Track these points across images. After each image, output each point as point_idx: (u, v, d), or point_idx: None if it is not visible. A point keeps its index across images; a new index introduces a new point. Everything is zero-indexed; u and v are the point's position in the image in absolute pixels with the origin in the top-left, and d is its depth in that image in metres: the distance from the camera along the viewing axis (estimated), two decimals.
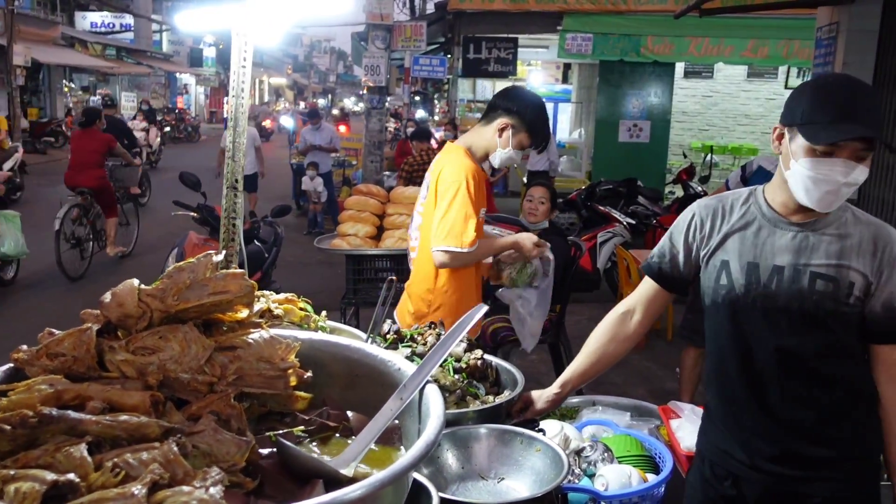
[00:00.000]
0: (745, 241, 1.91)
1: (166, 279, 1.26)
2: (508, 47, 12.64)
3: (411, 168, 7.24)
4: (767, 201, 1.93)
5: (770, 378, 1.93)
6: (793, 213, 1.89)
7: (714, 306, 2.01)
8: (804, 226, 1.87)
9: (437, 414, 1.18)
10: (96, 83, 29.70)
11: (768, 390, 1.94)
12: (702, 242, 1.99)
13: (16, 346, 1.20)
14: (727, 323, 1.97)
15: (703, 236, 1.98)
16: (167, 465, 0.97)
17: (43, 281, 7.78)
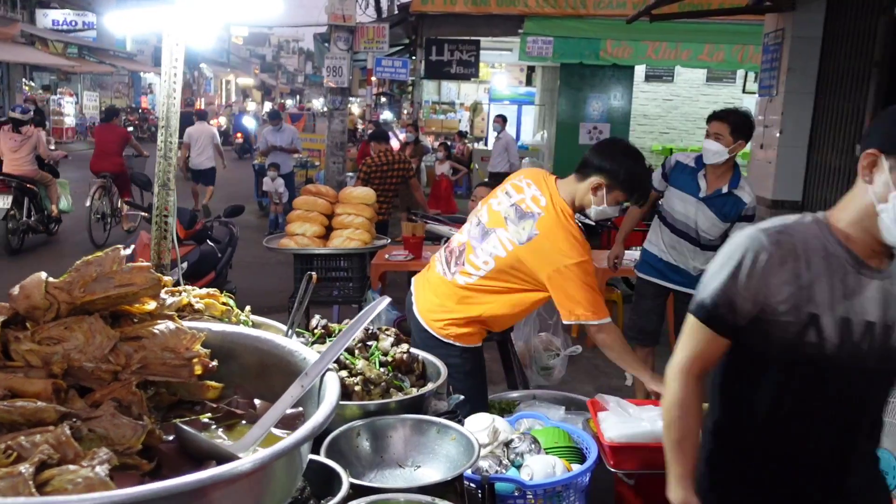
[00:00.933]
0: (834, 290, 1.62)
1: (74, 272, 1.30)
2: (471, 50, 12.75)
3: (369, 169, 7.29)
4: (840, 240, 1.65)
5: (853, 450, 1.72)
6: (874, 255, 1.64)
7: (788, 365, 1.69)
8: (883, 272, 1.63)
9: (331, 400, 1.25)
10: (57, 82, 29.22)
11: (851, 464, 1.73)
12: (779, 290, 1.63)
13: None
14: (808, 385, 1.68)
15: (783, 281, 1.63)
16: (58, 447, 1.03)
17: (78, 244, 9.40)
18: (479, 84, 19.79)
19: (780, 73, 6.72)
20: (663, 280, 4.49)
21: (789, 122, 6.69)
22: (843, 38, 6.25)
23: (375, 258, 5.58)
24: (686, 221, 4.34)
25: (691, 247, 4.37)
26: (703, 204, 4.26)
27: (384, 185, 7.18)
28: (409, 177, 7.57)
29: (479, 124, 19.61)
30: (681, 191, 4.35)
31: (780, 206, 6.87)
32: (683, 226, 4.36)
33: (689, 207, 4.31)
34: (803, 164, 6.75)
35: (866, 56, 5.89)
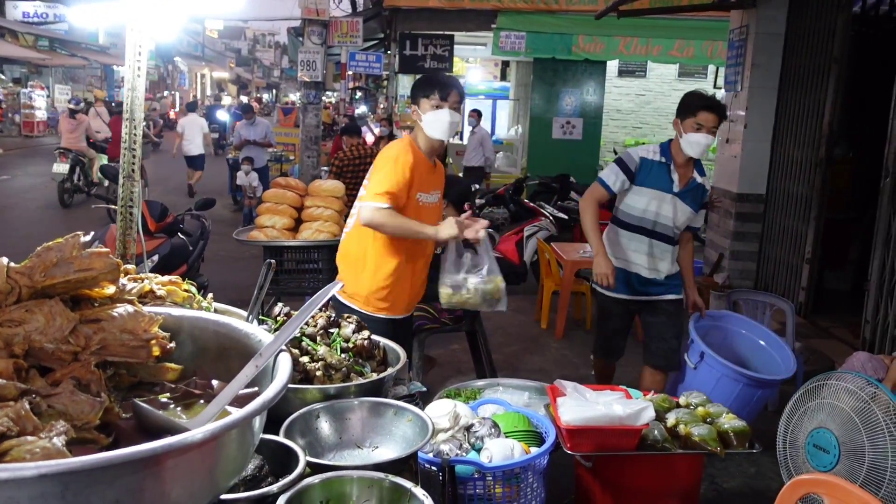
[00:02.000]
0: None
1: (35, 258, 1.36)
2: (445, 44, 12.79)
3: (341, 163, 7.32)
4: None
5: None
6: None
7: None
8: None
9: (282, 377, 1.31)
10: (28, 75, 28.83)
11: None
12: None
13: None
14: None
15: None
16: (17, 420, 1.09)
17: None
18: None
19: (744, 69, 6.86)
20: (635, 295, 4.08)
21: (754, 116, 6.84)
22: (804, 35, 6.40)
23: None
24: (659, 220, 3.98)
25: (668, 247, 4.05)
26: (678, 198, 3.96)
27: (356, 178, 7.21)
28: None
29: None
30: (652, 188, 3.95)
31: (745, 200, 7.02)
32: (658, 226, 3.99)
33: (663, 205, 3.96)
34: (767, 157, 6.90)
35: (826, 52, 6.04)
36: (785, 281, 6.59)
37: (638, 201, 4.00)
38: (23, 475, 0.95)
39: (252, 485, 1.59)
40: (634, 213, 4.02)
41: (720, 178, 7.54)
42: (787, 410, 3.09)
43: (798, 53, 6.50)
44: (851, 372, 3.14)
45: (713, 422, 2.80)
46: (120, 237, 2.30)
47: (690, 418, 2.77)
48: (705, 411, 2.86)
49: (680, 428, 2.75)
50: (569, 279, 6.23)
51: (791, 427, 3.03)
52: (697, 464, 2.92)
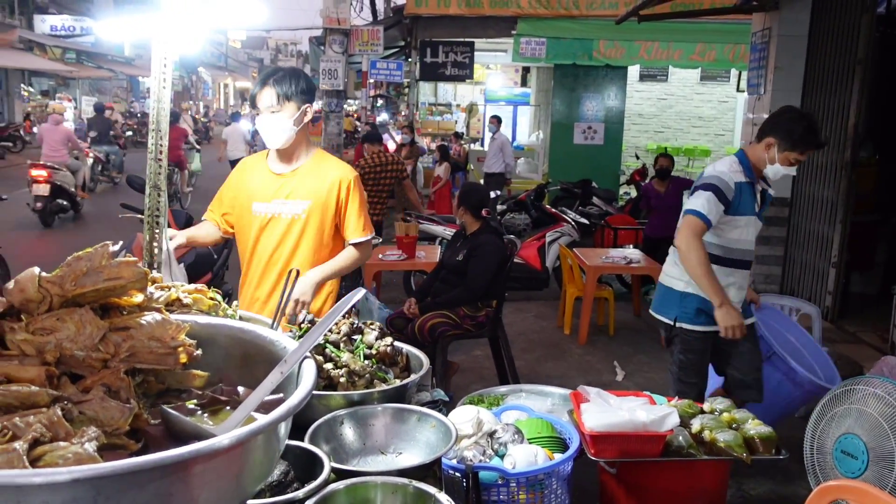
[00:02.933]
0: None
1: (65, 267, 1.39)
2: (465, 51, 12.83)
3: (363, 171, 7.36)
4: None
5: None
6: None
7: None
8: None
9: (307, 384, 1.33)
10: (56, 87, 29.33)
11: None
12: None
13: None
14: None
15: None
16: (50, 427, 1.11)
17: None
18: (474, 85, 19.88)
19: (767, 72, 6.81)
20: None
21: None
22: (828, 37, 6.33)
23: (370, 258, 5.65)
24: (747, 248, 3.56)
25: (747, 273, 3.64)
26: (758, 218, 3.55)
27: (378, 186, 7.26)
28: (403, 178, 7.66)
29: (475, 125, 19.69)
30: (745, 215, 3.46)
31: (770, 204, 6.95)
32: (746, 254, 3.57)
33: (749, 230, 3.52)
34: None
35: (850, 54, 5.97)
36: (811, 285, 6.52)
37: (738, 232, 3.50)
38: (56, 480, 0.97)
39: (278, 490, 1.61)
40: (735, 245, 3.52)
41: None
42: (814, 416, 3.06)
43: (822, 55, 6.43)
44: (880, 377, 3.10)
45: (739, 428, 2.77)
46: (147, 246, 2.34)
47: (715, 424, 2.76)
48: (730, 417, 2.84)
49: (705, 434, 2.73)
50: (591, 285, 6.21)
51: (818, 433, 3.00)
52: (723, 470, 2.89)
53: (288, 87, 2.84)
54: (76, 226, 11.53)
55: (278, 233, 2.95)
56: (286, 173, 2.96)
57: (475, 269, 4.54)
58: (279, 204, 2.95)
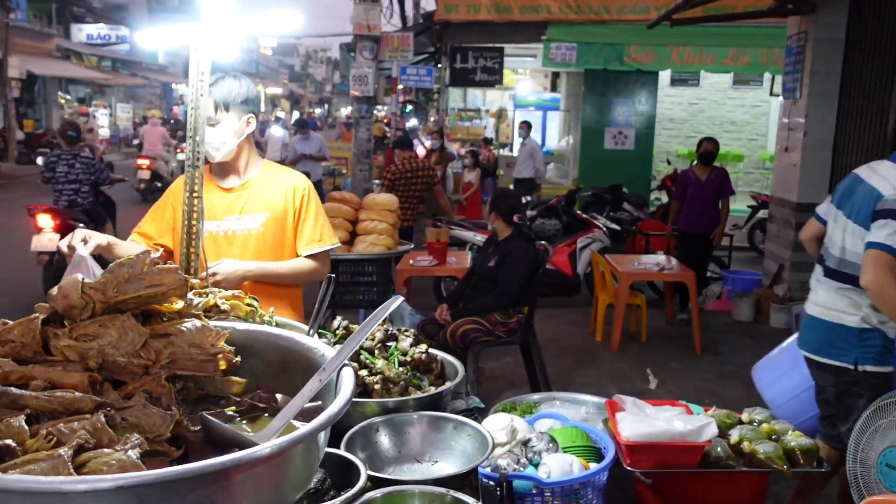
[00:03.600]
0: None
1: (108, 274, 1.40)
2: (495, 57, 12.81)
3: (393, 176, 7.39)
4: None
5: None
6: None
7: None
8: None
9: (346, 392, 1.32)
10: (92, 95, 29.88)
11: None
12: None
13: None
14: None
15: None
16: (94, 433, 1.12)
17: None
18: (504, 90, 19.84)
19: (803, 76, 6.71)
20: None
21: (813, 124, 6.67)
22: (866, 40, 6.22)
23: (400, 263, 5.66)
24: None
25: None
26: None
27: (408, 191, 7.27)
28: (434, 183, 7.66)
29: (504, 130, 19.65)
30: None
31: (805, 209, 6.83)
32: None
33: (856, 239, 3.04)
34: (828, 166, 6.72)
35: (889, 56, 5.86)
36: None
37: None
38: (101, 487, 0.98)
39: (315, 498, 1.60)
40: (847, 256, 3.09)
41: (779, 187, 7.37)
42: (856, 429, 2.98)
43: (860, 58, 6.32)
44: None
45: (779, 439, 2.72)
46: (184, 252, 2.36)
47: (755, 435, 2.70)
48: (770, 428, 2.79)
49: (744, 445, 2.68)
50: (624, 291, 6.15)
51: (861, 446, 2.92)
52: (763, 482, 2.84)
53: (227, 95, 2.64)
54: None
55: (235, 251, 2.71)
56: (236, 187, 2.77)
57: (507, 276, 4.52)
58: (233, 221, 2.74)
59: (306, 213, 2.81)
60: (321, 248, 2.82)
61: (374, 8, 11.17)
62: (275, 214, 2.75)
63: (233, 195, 2.76)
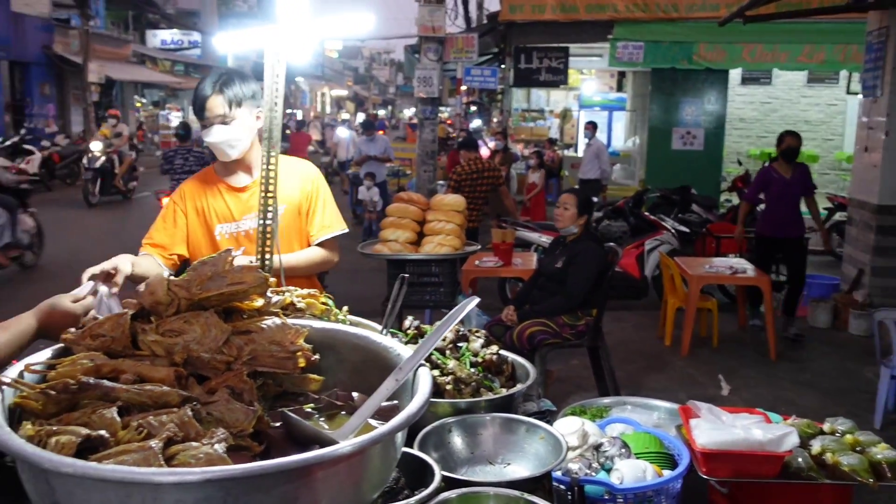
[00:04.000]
0: None
1: (191, 272, 1.43)
2: (560, 57, 12.69)
3: (459, 177, 7.39)
4: None
5: None
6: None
7: None
8: None
9: (424, 392, 1.32)
10: (166, 98, 30.86)
11: None
12: None
13: None
14: None
15: None
16: (182, 426, 1.14)
17: None
18: (568, 91, 19.67)
19: (884, 73, 6.43)
20: None
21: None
22: None
23: (466, 264, 5.66)
24: None
25: None
26: None
27: (474, 192, 7.27)
28: (499, 184, 7.64)
29: (568, 131, 19.48)
30: None
31: (886, 212, 6.56)
32: None
33: None
34: None
35: None
36: None
37: None
38: (190, 480, 1.00)
39: (389, 497, 1.60)
40: None
41: (858, 188, 7.09)
42: None
43: None
44: None
45: (864, 451, 2.61)
46: (259, 252, 2.40)
47: (838, 446, 2.60)
48: (854, 439, 2.68)
49: (827, 456, 2.57)
50: (695, 295, 6.01)
51: None
52: (846, 496, 2.72)
53: (238, 91, 2.61)
54: None
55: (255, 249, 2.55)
56: (249, 185, 2.73)
57: (575, 277, 4.46)
58: (252, 219, 2.67)
59: (317, 200, 2.82)
60: (332, 233, 2.83)
61: (439, 9, 11.20)
62: (291, 206, 2.74)
63: (247, 193, 2.73)
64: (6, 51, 19.57)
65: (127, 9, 27.77)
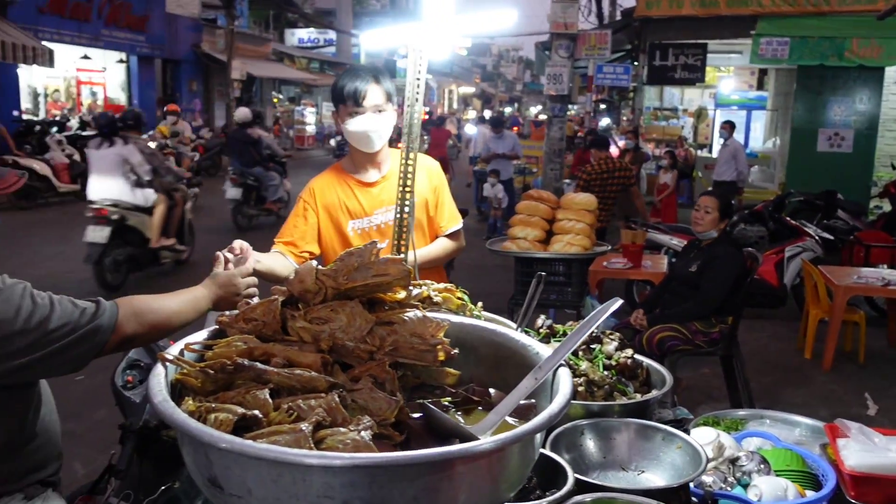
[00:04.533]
0: None
1: (338, 262, 1.47)
2: (697, 53, 12.25)
3: (589, 176, 7.28)
4: None
5: None
6: None
7: None
8: None
9: (565, 392, 1.30)
10: (301, 94, 32.15)
11: None
12: None
13: None
14: None
15: None
16: (329, 412, 1.17)
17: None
18: (704, 89, 18.94)
19: None
20: None
21: None
22: None
23: (594, 264, 5.56)
24: None
25: None
26: None
27: (604, 192, 7.13)
28: (630, 184, 7.46)
29: (703, 130, 18.76)
30: None
31: None
32: None
33: None
34: None
35: None
36: None
37: None
38: (338, 464, 1.02)
39: (521, 496, 1.59)
40: None
41: None
42: None
43: None
44: None
45: None
46: (395, 245, 2.44)
47: None
48: None
49: None
50: (840, 307, 5.64)
51: None
52: None
53: (390, 85, 2.66)
54: None
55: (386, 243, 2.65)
56: (378, 180, 2.78)
57: (710, 282, 4.29)
58: (383, 213, 2.75)
59: (443, 193, 2.88)
60: (458, 226, 2.91)
61: (573, 6, 11.07)
62: (420, 199, 2.73)
63: (377, 188, 2.77)
64: (161, 49, 21.01)
65: (268, 9, 29.11)
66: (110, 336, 1.68)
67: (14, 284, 1.64)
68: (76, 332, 1.63)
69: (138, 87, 20.61)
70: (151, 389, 1.20)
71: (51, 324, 1.61)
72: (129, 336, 1.73)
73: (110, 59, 19.85)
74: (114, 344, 1.70)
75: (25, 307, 1.60)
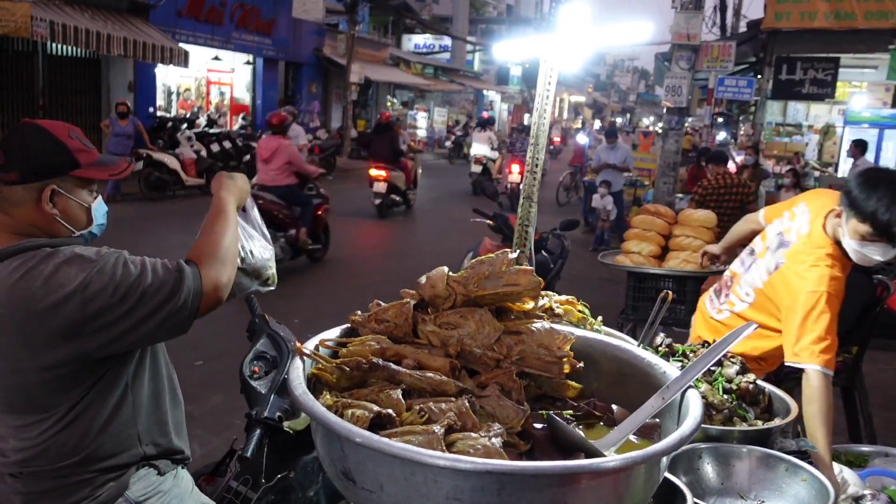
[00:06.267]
0: None
1: (469, 269, 1.50)
2: (828, 68, 11.68)
3: (705, 192, 7.06)
4: None
5: None
6: None
7: None
8: None
9: (695, 415, 1.28)
10: (414, 99, 32.69)
11: None
12: None
13: None
14: None
15: None
16: (460, 416, 1.20)
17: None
18: (832, 104, 17.99)
19: None
20: None
21: None
22: None
23: (706, 283, 5.39)
24: None
25: None
26: None
27: (720, 208, 6.89)
28: (749, 202, 7.19)
29: (829, 149, 17.83)
30: None
31: None
32: None
33: None
34: None
35: None
36: None
37: None
38: (470, 468, 1.05)
39: None
40: None
41: None
42: None
43: None
44: None
45: None
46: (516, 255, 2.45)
47: None
48: None
49: None
50: None
51: None
52: None
53: None
54: None
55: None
56: None
57: None
58: None
59: None
60: None
61: (697, 16, 10.77)
62: None
63: None
64: (285, 52, 21.86)
65: (388, 15, 29.77)
66: (201, 288, 1.72)
67: (108, 254, 1.70)
68: (173, 294, 1.68)
69: (262, 88, 21.51)
70: (291, 382, 1.26)
71: (146, 288, 1.66)
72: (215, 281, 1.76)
73: (238, 60, 20.82)
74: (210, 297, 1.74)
75: (119, 275, 1.66)
